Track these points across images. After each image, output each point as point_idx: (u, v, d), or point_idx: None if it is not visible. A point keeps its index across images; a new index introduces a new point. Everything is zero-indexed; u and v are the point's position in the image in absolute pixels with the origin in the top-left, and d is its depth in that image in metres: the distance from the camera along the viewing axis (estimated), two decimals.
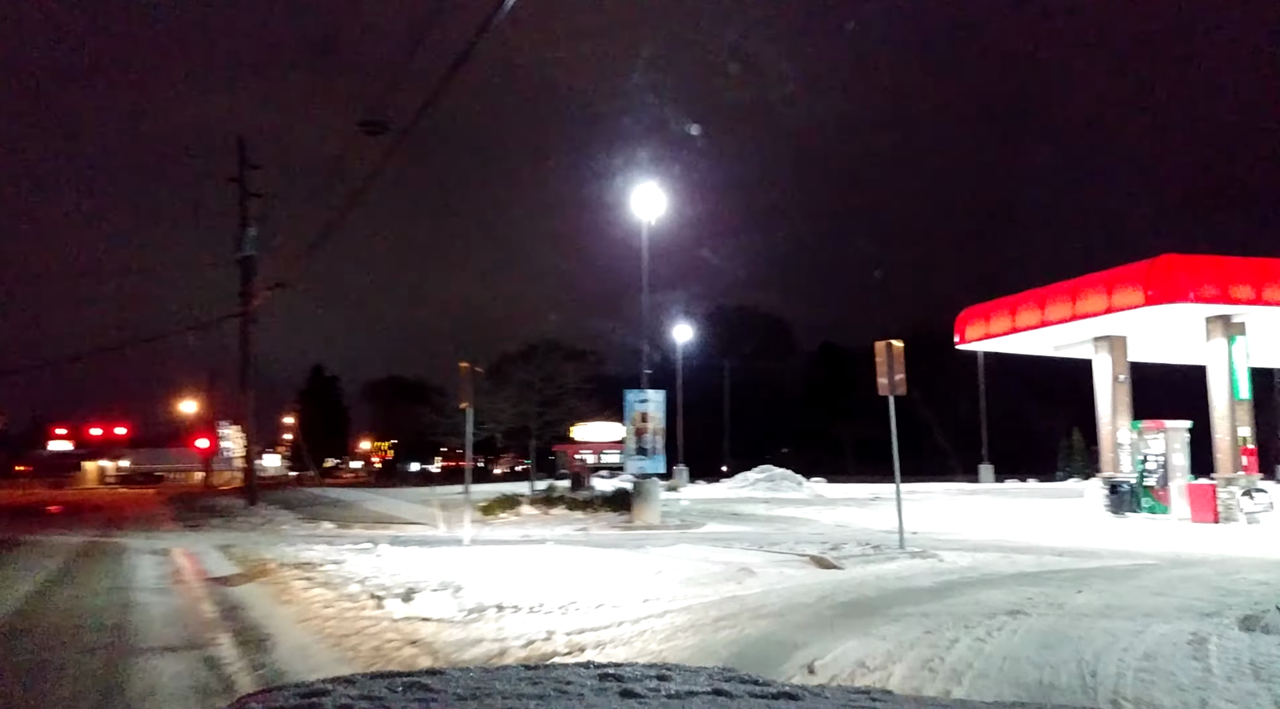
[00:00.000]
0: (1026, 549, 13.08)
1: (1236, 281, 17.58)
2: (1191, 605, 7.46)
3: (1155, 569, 10.46)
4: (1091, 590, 8.27)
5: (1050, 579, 9.31)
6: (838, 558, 10.57)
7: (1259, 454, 19.10)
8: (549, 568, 9.34)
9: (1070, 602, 7.62)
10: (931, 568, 10.35)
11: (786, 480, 31.09)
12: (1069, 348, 23.49)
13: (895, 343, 11.74)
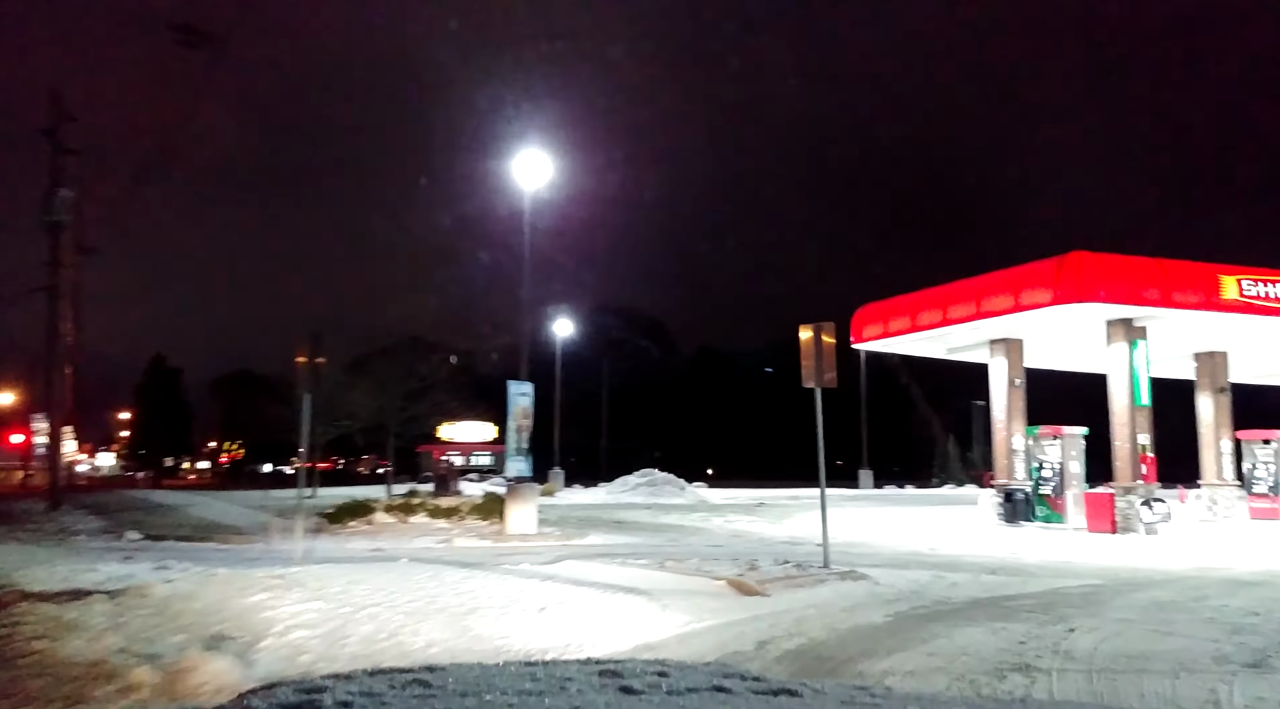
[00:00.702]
0: (952, 565, 11.74)
1: (1146, 283, 16.98)
2: (1212, 649, 5.99)
3: (1113, 593, 9.17)
4: (1082, 629, 6.73)
5: (1015, 610, 7.77)
6: (759, 581, 8.74)
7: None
8: (396, 602, 7.08)
9: (1075, 648, 6.01)
10: (870, 593, 8.68)
11: (669, 485, 29.44)
12: (964, 351, 22.77)
13: (826, 334, 10.05)
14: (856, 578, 9.49)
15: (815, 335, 10.05)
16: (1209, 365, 22.42)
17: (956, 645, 6.05)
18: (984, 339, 21.46)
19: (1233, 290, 17.17)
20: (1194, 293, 17.10)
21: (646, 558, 11.42)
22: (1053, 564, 12.31)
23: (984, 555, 13.49)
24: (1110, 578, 10.65)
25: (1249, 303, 17.17)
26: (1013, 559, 12.98)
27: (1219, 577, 10.86)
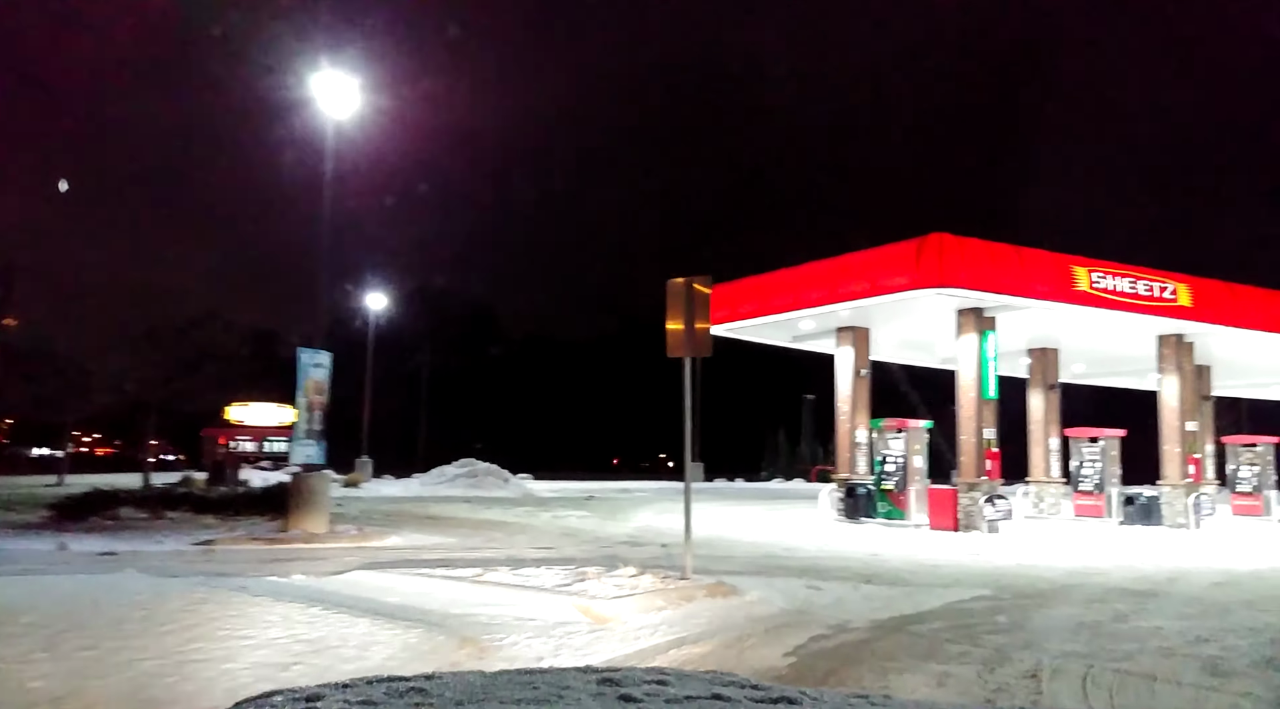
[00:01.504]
0: (817, 570, 10.18)
1: (1004, 270, 16.29)
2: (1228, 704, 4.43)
3: (1018, 610, 7.77)
4: (1045, 672, 5.06)
5: (934, 641, 6.10)
6: (613, 599, 6.64)
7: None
8: (80, 644, 4.45)
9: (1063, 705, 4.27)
10: (750, 616, 6.80)
11: (491, 476, 26.94)
12: (810, 339, 21.75)
13: (700, 287, 8.10)
14: (726, 593, 7.60)
15: (686, 292, 8.06)
16: (1041, 362, 22.49)
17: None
18: (831, 327, 20.46)
19: (1084, 281, 16.80)
20: (1049, 283, 16.58)
21: (462, 565, 9.10)
22: (919, 567, 11.04)
23: (843, 557, 12.10)
24: (994, 585, 9.37)
25: (1098, 295, 16.86)
26: (875, 562, 11.62)
27: (1103, 584, 9.83)
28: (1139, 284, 17.31)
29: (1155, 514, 19.48)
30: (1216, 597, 8.92)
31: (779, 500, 26.45)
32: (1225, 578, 10.71)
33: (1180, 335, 19.34)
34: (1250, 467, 23.73)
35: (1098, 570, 11.16)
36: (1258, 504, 23.45)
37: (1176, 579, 10.43)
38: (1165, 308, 17.50)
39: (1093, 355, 23.40)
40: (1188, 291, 17.77)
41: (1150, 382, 27.44)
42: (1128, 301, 17.13)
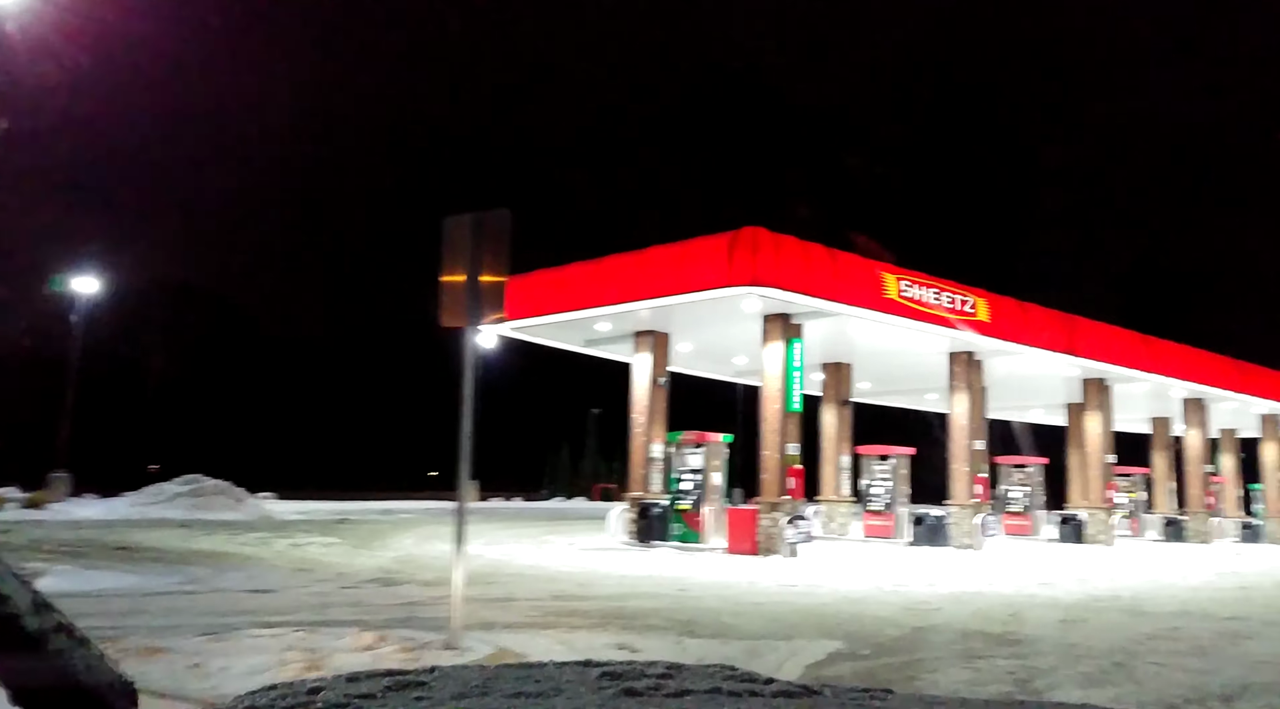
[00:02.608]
0: (624, 616, 8.04)
1: (819, 273, 15.08)
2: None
3: (896, 662, 5.94)
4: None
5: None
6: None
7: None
8: None
9: None
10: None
11: (222, 496, 22.68)
12: (606, 343, 19.79)
13: (494, 227, 5.70)
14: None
15: (474, 230, 5.62)
16: (835, 377, 21.88)
17: None
18: (629, 330, 18.61)
19: (893, 289, 15.99)
20: (861, 288, 15.60)
21: (119, 631, 6.05)
22: (739, 606, 9.17)
23: (646, 594, 10.02)
24: (840, 633, 7.61)
25: (905, 304, 16.11)
26: (687, 600, 9.64)
27: (949, 624, 8.37)
28: (943, 296, 16.79)
29: (943, 534, 19.15)
30: (1088, 632, 7.69)
31: (561, 521, 24.24)
32: (1065, 613, 9.65)
33: (971, 353, 19.21)
34: (1021, 487, 24.52)
35: (924, 602, 9.83)
36: (1028, 524, 24.21)
37: (1017, 614, 9.23)
38: (965, 321, 17.10)
39: (880, 373, 23.19)
40: (986, 306, 17.52)
41: (929, 402, 28.01)
42: (932, 313, 16.54)
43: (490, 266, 5.62)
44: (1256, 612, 10.29)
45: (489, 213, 5.60)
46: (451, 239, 5.67)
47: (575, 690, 1.67)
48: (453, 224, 5.67)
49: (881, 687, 1.61)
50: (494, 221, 5.59)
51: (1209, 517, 25.09)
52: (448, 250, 5.67)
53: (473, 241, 5.60)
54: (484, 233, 5.58)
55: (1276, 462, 27.97)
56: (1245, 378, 24.11)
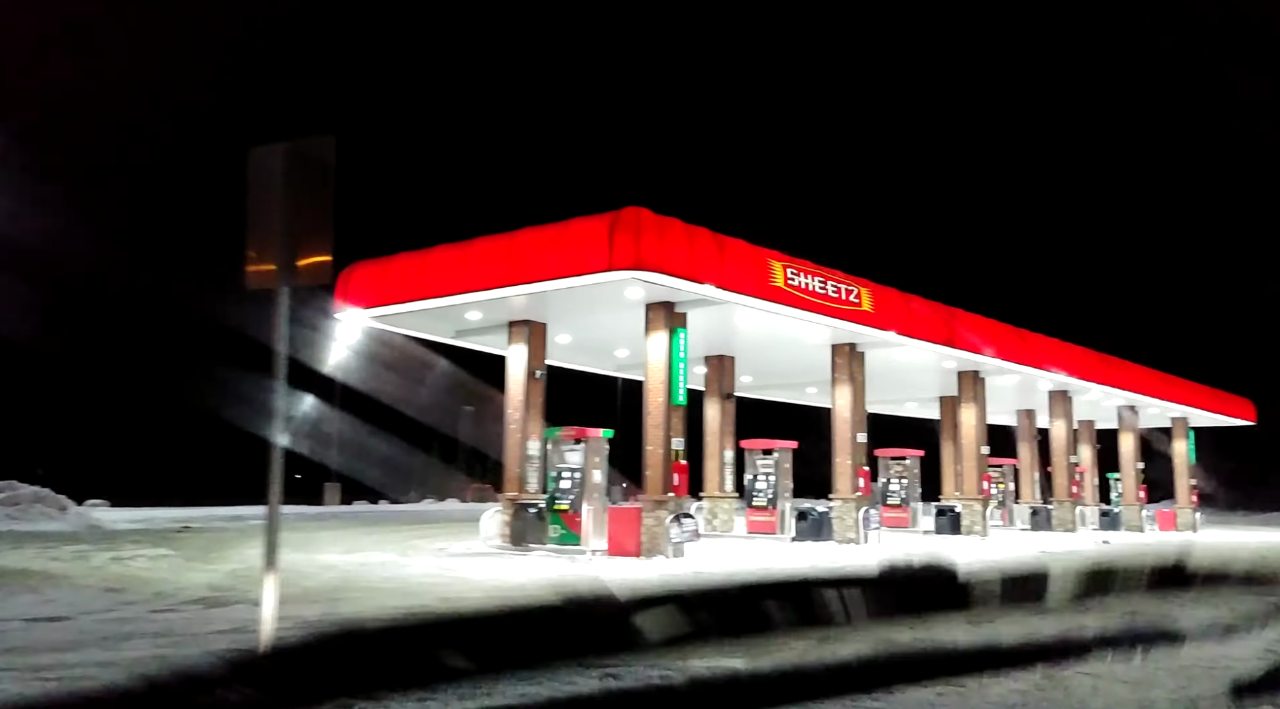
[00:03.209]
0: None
1: (706, 258, 14.30)
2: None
3: None
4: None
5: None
6: None
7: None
8: None
9: None
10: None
11: (41, 504, 20.11)
12: (478, 334, 18.49)
13: (317, 156, 4.51)
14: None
15: (286, 166, 4.41)
16: (718, 370, 21.30)
17: None
18: (503, 320, 17.41)
19: (780, 277, 15.41)
20: (748, 276, 14.94)
21: None
22: None
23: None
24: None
25: (791, 293, 15.56)
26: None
27: None
28: (829, 285, 16.36)
29: (826, 529, 18.82)
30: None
31: (431, 524, 22.74)
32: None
33: (853, 345, 18.95)
34: (899, 479, 24.62)
35: None
36: (906, 516, 24.32)
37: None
38: (850, 312, 16.74)
39: (762, 366, 22.79)
40: (870, 297, 17.22)
41: (809, 396, 27.93)
42: (817, 303, 16.08)
43: (311, 215, 4.43)
44: None
45: (308, 141, 4.42)
46: (259, 174, 4.44)
47: (577, 690, 1.62)
48: (261, 155, 4.45)
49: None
50: (314, 152, 4.40)
51: (1074, 505, 25.92)
52: (255, 189, 4.45)
53: (287, 178, 4.40)
54: (302, 167, 4.38)
55: (1133, 451, 29.28)
56: (1108, 369, 25.00)
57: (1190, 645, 1.26)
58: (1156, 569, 1.35)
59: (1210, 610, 1.32)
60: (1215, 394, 30.80)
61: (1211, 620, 1.29)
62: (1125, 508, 28.90)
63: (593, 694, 1.12)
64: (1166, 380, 27.83)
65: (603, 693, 1.13)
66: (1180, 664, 5.38)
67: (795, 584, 1.08)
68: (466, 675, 1.03)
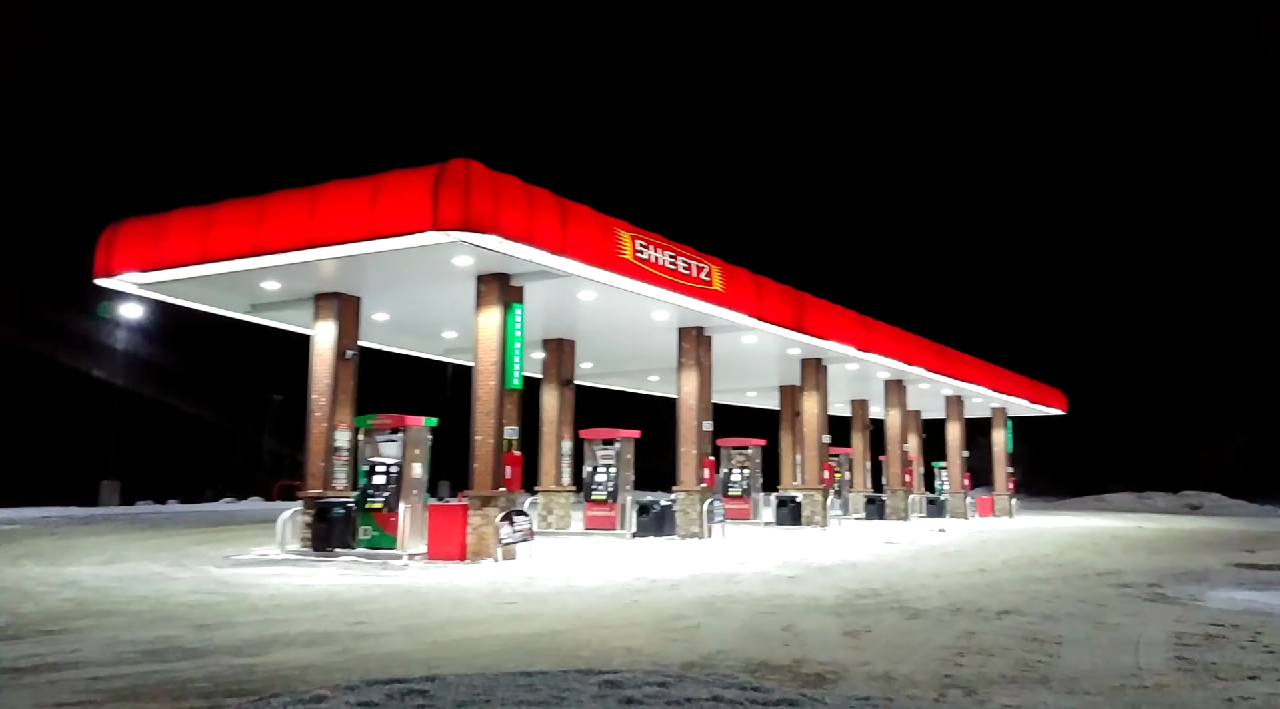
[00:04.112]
0: (258, 691, 5.01)
1: (546, 222, 12.62)
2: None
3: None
4: None
5: None
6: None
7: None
8: None
9: None
10: None
11: None
12: (279, 309, 16.00)
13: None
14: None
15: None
16: (557, 354, 19.68)
17: None
18: (309, 292, 15.09)
19: (628, 249, 13.98)
20: (594, 245, 13.39)
21: None
22: (442, 644, 6.49)
23: (300, 636, 7.02)
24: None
25: (641, 266, 14.17)
26: (363, 642, 6.80)
27: (745, 655, 6.29)
28: (679, 260, 15.09)
29: (669, 524, 17.65)
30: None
31: (224, 527, 19.85)
32: (837, 619, 8.00)
33: (701, 329, 17.84)
34: (741, 470, 23.86)
35: (678, 617, 7.74)
36: (747, 508, 23.60)
37: (790, 626, 7.39)
38: (701, 290, 15.55)
39: (603, 351, 21.39)
40: (720, 276, 16.11)
41: (652, 385, 26.81)
42: (668, 279, 14.77)
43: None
44: (1021, 602, 9.35)
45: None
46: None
47: (576, 698, 2.09)
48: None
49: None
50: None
51: (907, 494, 26.15)
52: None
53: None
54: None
55: (959, 440, 30.09)
56: (942, 360, 25.31)
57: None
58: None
59: None
60: (1033, 385, 32.21)
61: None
62: (951, 496, 29.64)
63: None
64: (991, 371, 28.68)
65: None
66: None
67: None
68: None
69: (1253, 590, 10.14)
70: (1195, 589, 10.36)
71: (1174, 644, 6.67)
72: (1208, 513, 35.61)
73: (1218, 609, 8.73)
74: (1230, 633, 7.22)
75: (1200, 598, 9.56)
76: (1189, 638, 6.97)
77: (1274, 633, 7.26)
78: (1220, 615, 8.23)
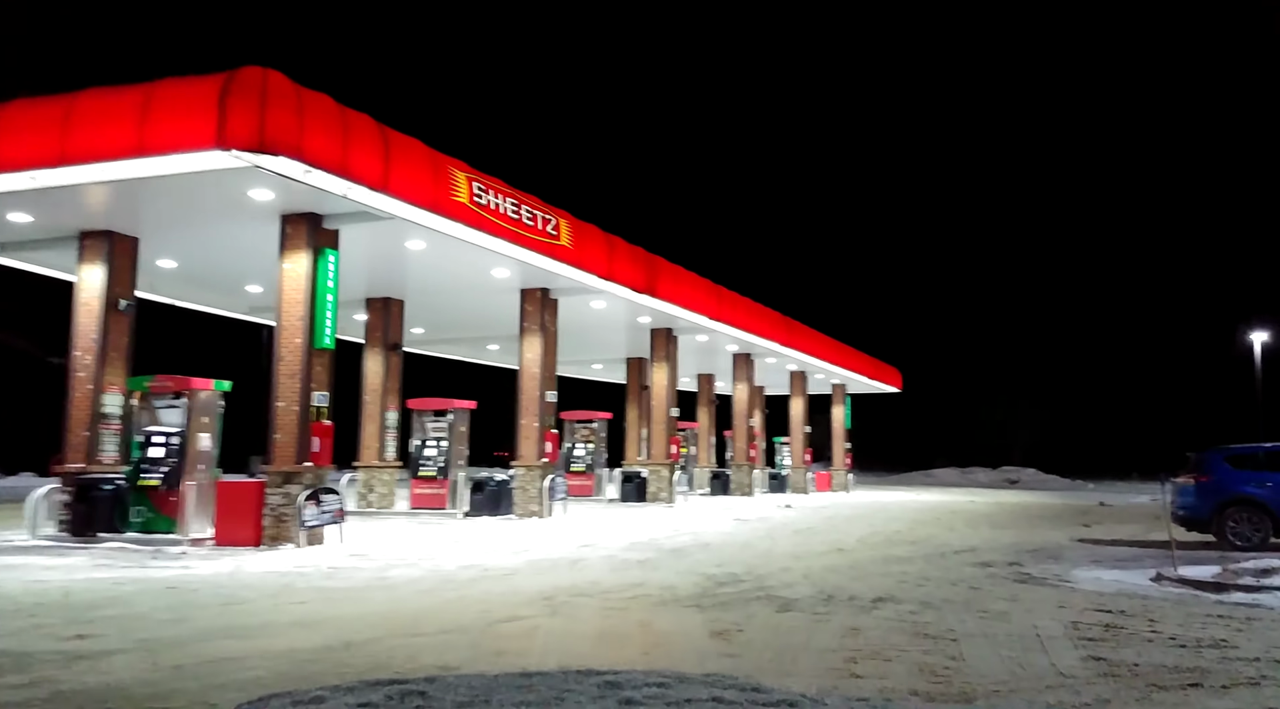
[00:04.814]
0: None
1: (366, 150, 10.73)
2: None
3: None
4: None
5: None
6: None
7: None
8: None
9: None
10: None
11: None
12: (29, 250, 13.25)
13: None
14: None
15: None
16: (383, 316, 17.65)
17: None
18: (72, 230, 12.51)
19: (465, 192, 12.27)
20: (425, 185, 11.62)
21: None
22: (199, 664, 4.78)
23: (8, 656, 5.14)
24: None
25: (479, 213, 12.50)
26: (89, 673, 4.99)
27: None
28: (524, 210, 13.52)
29: (506, 502, 16.16)
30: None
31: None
32: (704, 620, 6.82)
33: (546, 290, 16.35)
34: (585, 444, 22.60)
35: (514, 616, 6.33)
36: (590, 484, 22.38)
37: (656, 647, 6.12)
38: (547, 245, 14.05)
39: (437, 314, 19.51)
40: (569, 231, 14.65)
41: (491, 354, 25.01)
42: (510, 229, 13.17)
43: None
44: (892, 587, 8.51)
45: None
46: None
47: (576, 699, 1.98)
48: None
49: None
50: None
51: (751, 469, 25.72)
52: None
53: None
54: None
55: (802, 416, 30.04)
56: (791, 333, 24.93)
57: None
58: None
59: None
60: (873, 362, 32.67)
61: None
62: (793, 471, 29.60)
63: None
64: (836, 347, 28.71)
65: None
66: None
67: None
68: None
69: (1112, 569, 9.80)
70: (1057, 567, 9.93)
71: (1076, 638, 5.88)
72: (1025, 487, 37.65)
73: (1091, 590, 8.19)
74: (1124, 621, 6.56)
75: (1067, 578, 9.07)
76: (1086, 629, 6.22)
77: (1166, 620, 6.66)
78: (1099, 600, 7.65)
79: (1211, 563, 9.81)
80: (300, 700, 2.01)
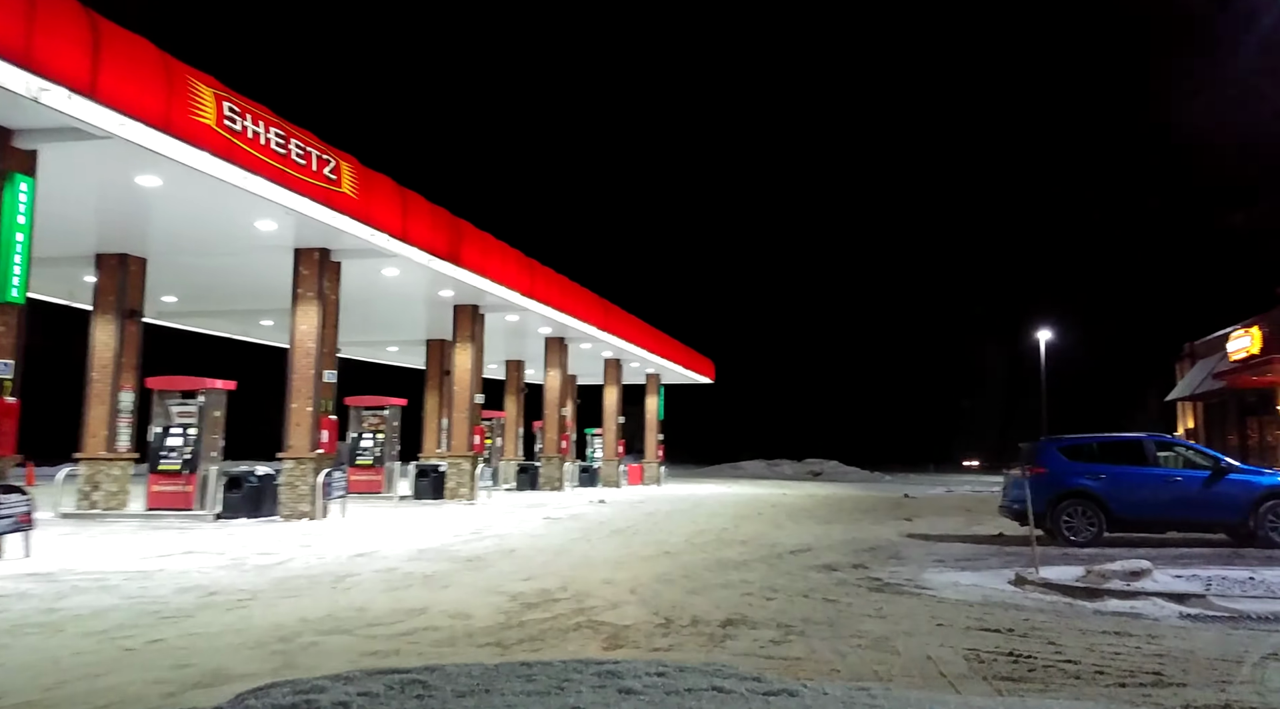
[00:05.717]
0: None
1: (66, 39, 8.03)
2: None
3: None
4: None
5: None
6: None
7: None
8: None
9: None
10: None
11: None
12: None
13: None
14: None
15: None
16: (117, 277, 14.43)
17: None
18: None
19: (212, 112, 9.70)
20: (151, 92, 8.99)
21: None
22: None
23: None
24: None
25: (231, 141, 9.97)
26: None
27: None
28: (293, 144, 11.07)
29: (268, 501, 13.59)
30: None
31: None
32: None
33: (326, 251, 13.87)
34: (374, 434, 20.02)
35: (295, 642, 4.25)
36: (379, 479, 19.84)
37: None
38: (325, 191, 11.66)
39: (189, 278, 16.43)
40: (352, 177, 12.31)
41: (265, 330, 21.80)
42: (276, 167, 10.70)
43: None
44: (738, 603, 7.04)
45: None
46: None
47: (576, 688, 1.97)
48: None
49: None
50: None
51: (562, 462, 24.01)
52: None
53: None
54: None
55: (616, 406, 28.66)
56: (608, 317, 23.43)
57: None
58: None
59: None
60: (688, 352, 31.85)
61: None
62: (605, 463, 28.21)
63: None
64: (653, 334, 27.56)
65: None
66: None
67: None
68: None
69: (964, 571, 8.89)
70: (905, 571, 8.89)
71: (987, 675, 4.59)
72: (828, 478, 38.34)
73: (958, 599, 7.11)
74: (1021, 645, 5.39)
75: (922, 583, 8.00)
76: (990, 659, 4.96)
77: (1064, 640, 5.58)
78: (973, 612, 6.55)
79: (1055, 561, 9.16)
80: (301, 689, 2.00)
